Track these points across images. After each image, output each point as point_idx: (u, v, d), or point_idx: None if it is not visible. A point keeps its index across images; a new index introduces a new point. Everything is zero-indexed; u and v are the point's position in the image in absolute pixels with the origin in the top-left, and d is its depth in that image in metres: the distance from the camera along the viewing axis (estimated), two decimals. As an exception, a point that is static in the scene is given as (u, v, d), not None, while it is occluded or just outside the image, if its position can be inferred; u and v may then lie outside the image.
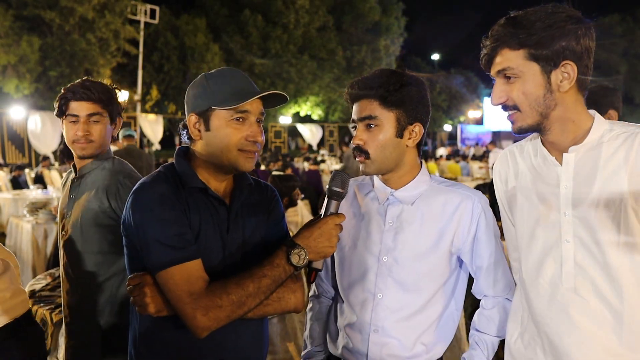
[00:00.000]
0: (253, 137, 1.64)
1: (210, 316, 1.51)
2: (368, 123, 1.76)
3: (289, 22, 30.47)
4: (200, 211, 1.64)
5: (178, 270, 1.54)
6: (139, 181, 1.66)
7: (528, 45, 1.53)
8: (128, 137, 8.13)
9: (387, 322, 1.79)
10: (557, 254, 1.60)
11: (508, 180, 1.78)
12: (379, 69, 1.84)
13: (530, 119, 1.58)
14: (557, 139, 1.61)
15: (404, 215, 1.82)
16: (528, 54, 1.53)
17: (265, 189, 1.86)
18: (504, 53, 1.57)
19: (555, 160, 1.62)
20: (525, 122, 1.59)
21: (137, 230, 1.58)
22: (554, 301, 1.62)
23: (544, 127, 1.59)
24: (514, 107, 1.59)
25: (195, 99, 1.67)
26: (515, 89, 1.57)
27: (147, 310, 1.57)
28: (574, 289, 1.58)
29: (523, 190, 1.71)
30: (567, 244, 1.58)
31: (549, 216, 1.62)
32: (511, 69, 1.56)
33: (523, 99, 1.57)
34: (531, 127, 1.60)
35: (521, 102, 1.57)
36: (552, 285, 1.62)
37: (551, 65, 1.53)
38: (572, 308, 1.58)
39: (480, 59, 1.64)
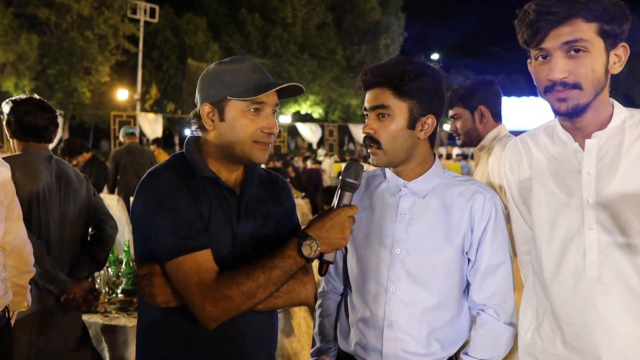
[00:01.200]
0: (269, 128, 1.61)
1: (219, 307, 1.48)
2: (380, 112, 1.73)
3: (286, 17, 30.49)
4: (211, 201, 1.61)
5: (187, 260, 1.50)
6: (149, 170, 1.63)
7: (601, 20, 1.44)
8: (129, 135, 8.12)
9: (400, 316, 1.75)
10: (579, 242, 1.55)
11: (521, 170, 1.73)
12: (395, 57, 1.79)
13: (586, 98, 1.48)
14: (587, 123, 1.54)
15: (416, 207, 1.78)
16: (599, 29, 1.44)
17: (277, 180, 1.82)
18: (577, 23, 1.44)
19: (578, 146, 1.57)
20: (581, 100, 1.48)
21: (146, 219, 1.55)
22: (577, 291, 1.57)
23: (588, 108, 1.51)
24: (574, 85, 1.47)
25: (209, 89, 1.63)
26: (583, 64, 1.46)
27: (156, 300, 1.54)
28: (598, 278, 1.53)
29: (540, 179, 1.66)
30: (590, 231, 1.53)
31: (570, 204, 1.57)
32: (583, 41, 1.44)
33: (590, 75, 1.46)
34: (583, 107, 1.49)
35: (586, 80, 1.47)
36: (575, 274, 1.57)
37: (612, 45, 1.47)
38: (597, 297, 1.54)
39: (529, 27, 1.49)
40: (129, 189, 7.21)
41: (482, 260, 1.76)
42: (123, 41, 24.02)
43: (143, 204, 1.56)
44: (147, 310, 1.67)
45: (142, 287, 1.56)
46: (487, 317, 1.77)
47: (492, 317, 1.77)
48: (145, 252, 1.61)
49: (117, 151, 8.03)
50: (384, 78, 1.71)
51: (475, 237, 1.76)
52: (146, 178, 1.59)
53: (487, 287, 1.76)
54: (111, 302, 3.10)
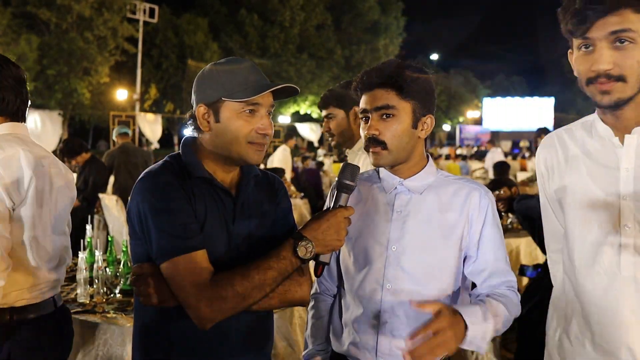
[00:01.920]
0: (263, 129, 1.62)
1: (214, 307, 1.49)
2: (384, 113, 1.73)
3: (284, 19, 30.48)
4: (206, 201, 1.62)
5: (182, 261, 1.51)
6: (145, 170, 1.64)
7: None
8: (122, 135, 8.04)
9: (396, 314, 1.75)
10: (615, 240, 1.51)
11: (555, 166, 1.69)
12: (391, 59, 1.81)
13: (630, 91, 1.44)
14: (628, 117, 1.50)
15: (412, 204, 1.79)
16: None
17: (273, 180, 1.83)
18: (625, 14, 1.40)
19: (617, 141, 1.52)
20: (625, 93, 1.44)
21: (142, 220, 1.56)
22: (611, 290, 1.52)
23: (630, 101, 1.47)
24: (618, 77, 1.43)
25: (204, 90, 1.63)
26: (629, 56, 1.41)
27: (151, 301, 1.55)
28: (633, 277, 1.48)
29: (575, 175, 1.61)
30: (627, 229, 1.49)
31: (606, 200, 1.52)
32: (631, 31, 1.40)
33: (636, 67, 1.42)
34: (625, 100, 1.46)
35: (632, 73, 1.42)
36: (610, 273, 1.52)
37: None
38: (632, 297, 1.49)
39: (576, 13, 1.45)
40: (122, 189, 7.17)
41: (486, 257, 1.77)
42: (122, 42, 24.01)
43: (139, 204, 1.57)
44: (143, 311, 1.68)
45: (138, 288, 1.57)
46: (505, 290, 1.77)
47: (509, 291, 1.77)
48: (141, 252, 1.61)
49: (110, 151, 7.95)
50: (388, 79, 1.72)
51: (475, 233, 1.77)
52: (142, 178, 1.60)
53: (494, 282, 1.77)
54: (109, 302, 3.10)
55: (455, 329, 1.50)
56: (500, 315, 1.65)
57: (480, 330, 1.56)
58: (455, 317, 1.52)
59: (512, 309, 1.70)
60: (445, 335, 1.46)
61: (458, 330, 1.51)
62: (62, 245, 2.24)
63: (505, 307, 1.68)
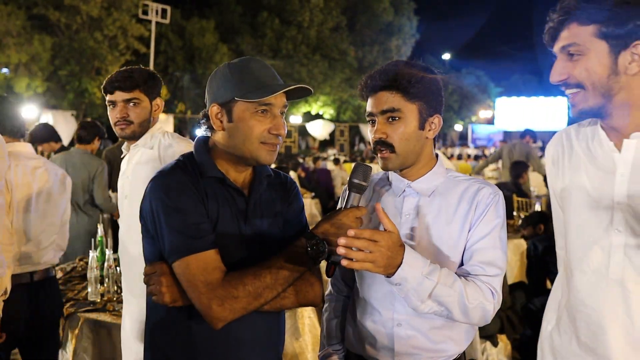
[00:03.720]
0: (276, 129, 1.62)
1: (226, 307, 1.49)
2: (390, 116, 1.72)
3: (303, 20, 30.52)
4: (219, 201, 1.62)
5: (195, 260, 1.51)
6: (158, 169, 1.64)
7: (599, 22, 1.43)
8: None
9: (410, 316, 1.75)
10: (605, 242, 1.53)
11: (559, 162, 1.71)
12: (395, 61, 1.79)
13: (592, 100, 1.48)
14: (619, 124, 1.52)
15: (420, 206, 1.78)
16: (597, 31, 1.44)
17: (285, 180, 1.83)
18: (572, 28, 1.47)
19: (613, 146, 1.54)
20: (587, 103, 1.49)
21: (154, 219, 1.56)
22: (597, 291, 1.55)
23: (605, 111, 1.50)
24: (576, 85, 1.49)
25: (218, 90, 1.64)
26: (578, 66, 1.47)
27: (163, 299, 1.55)
28: (620, 281, 1.50)
29: (576, 175, 1.63)
30: (617, 233, 1.51)
31: (600, 203, 1.54)
32: (576, 45, 1.46)
33: (585, 77, 1.47)
34: (592, 109, 1.50)
35: (584, 80, 1.47)
36: (597, 274, 1.55)
37: (621, 45, 1.43)
38: (617, 300, 1.51)
39: (544, 33, 1.55)
40: None
41: (480, 251, 1.72)
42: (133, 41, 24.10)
43: (151, 203, 1.57)
44: (154, 310, 1.68)
45: (150, 286, 1.57)
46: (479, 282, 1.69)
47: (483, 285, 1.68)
48: (153, 251, 1.62)
49: (109, 149, 7.37)
50: (393, 81, 1.71)
51: (476, 227, 1.74)
52: (155, 178, 1.60)
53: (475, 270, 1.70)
54: (119, 301, 3.12)
55: (391, 254, 1.51)
56: (450, 287, 1.59)
57: (414, 278, 1.55)
58: (399, 247, 1.53)
59: (473, 299, 1.62)
60: (379, 249, 1.48)
61: (392, 258, 1.52)
62: None
63: (464, 292, 1.61)
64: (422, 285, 1.56)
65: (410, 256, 1.55)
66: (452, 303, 1.61)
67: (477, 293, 1.65)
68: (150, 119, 2.64)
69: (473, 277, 1.69)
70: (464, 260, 1.75)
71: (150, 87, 2.62)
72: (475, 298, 1.64)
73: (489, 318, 1.70)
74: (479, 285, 1.67)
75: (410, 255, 1.56)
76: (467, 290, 1.63)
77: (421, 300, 1.59)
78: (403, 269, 1.53)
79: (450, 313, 1.63)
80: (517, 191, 7.23)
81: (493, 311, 1.69)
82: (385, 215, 1.56)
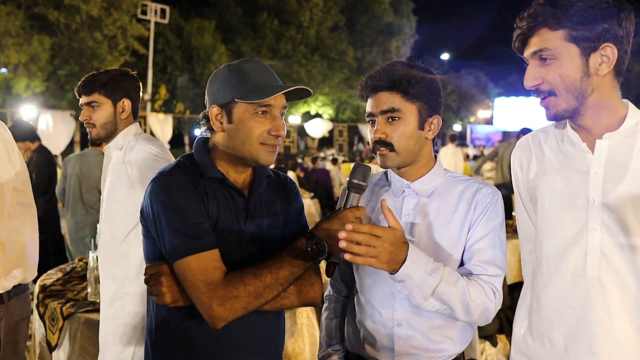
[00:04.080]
0: (276, 131, 1.63)
1: (226, 306, 1.49)
2: (390, 116, 1.74)
3: (302, 20, 30.50)
4: (219, 201, 1.62)
5: (195, 260, 1.52)
6: (158, 170, 1.65)
7: (568, 26, 1.45)
8: None
9: (409, 316, 1.76)
10: (582, 242, 1.54)
11: (530, 167, 1.71)
12: (395, 61, 1.80)
13: (565, 104, 1.50)
14: (590, 125, 1.54)
15: (420, 207, 1.79)
16: (568, 35, 1.46)
17: (285, 181, 1.84)
18: (542, 33, 1.48)
19: (586, 146, 1.55)
20: (560, 107, 1.51)
21: (155, 219, 1.57)
22: (575, 291, 1.56)
23: (578, 112, 1.52)
24: (549, 91, 1.51)
25: (217, 91, 1.64)
26: (551, 70, 1.49)
27: (164, 300, 1.55)
28: (598, 279, 1.52)
29: (547, 177, 1.64)
30: (593, 232, 1.52)
31: (575, 203, 1.56)
32: (548, 49, 1.48)
33: (559, 81, 1.49)
34: (566, 112, 1.52)
35: (557, 85, 1.49)
36: (575, 274, 1.56)
37: (591, 48, 1.46)
38: (595, 299, 1.52)
39: (513, 40, 1.56)
40: None
41: (480, 250, 1.74)
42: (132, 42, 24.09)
43: (152, 204, 1.57)
44: (155, 310, 1.69)
45: (150, 287, 1.58)
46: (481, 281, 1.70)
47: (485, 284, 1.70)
48: (153, 251, 1.63)
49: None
50: (393, 82, 1.72)
51: (476, 228, 1.75)
52: (155, 179, 1.61)
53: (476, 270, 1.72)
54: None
55: (394, 250, 1.52)
56: (454, 285, 1.61)
57: (418, 275, 1.57)
58: (403, 244, 1.54)
59: (476, 297, 1.65)
60: (381, 244, 1.50)
61: (395, 254, 1.53)
62: None
63: (467, 291, 1.63)
64: (425, 282, 1.58)
65: (414, 253, 1.57)
66: (454, 301, 1.63)
67: (479, 292, 1.66)
68: (115, 121, 2.65)
69: (475, 276, 1.71)
70: (465, 260, 1.76)
71: (113, 89, 2.63)
72: (478, 297, 1.65)
73: (491, 317, 1.71)
74: (481, 284, 1.68)
75: (414, 253, 1.57)
76: (469, 289, 1.64)
77: (424, 297, 1.60)
78: (407, 265, 1.55)
79: (452, 311, 1.64)
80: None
81: (494, 310, 1.70)
82: (389, 212, 1.57)
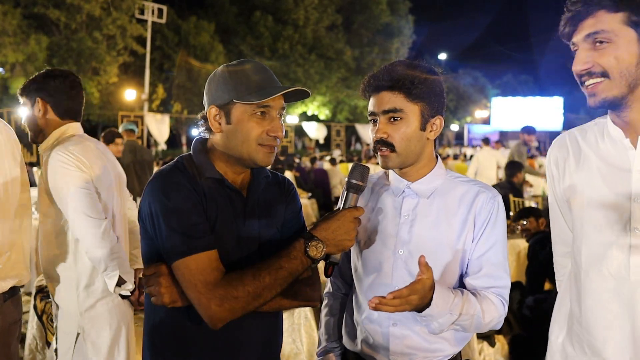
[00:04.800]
0: (274, 132, 1.63)
1: (225, 307, 1.49)
2: (392, 116, 1.73)
3: (298, 19, 30.52)
4: (217, 202, 1.63)
5: (194, 260, 1.52)
6: (156, 171, 1.65)
7: (628, 10, 1.41)
8: (129, 132, 7.70)
9: (406, 315, 1.75)
10: (624, 243, 1.49)
11: (566, 166, 1.66)
12: (398, 60, 1.79)
13: (617, 89, 1.45)
14: (635, 119, 1.49)
15: (419, 208, 1.79)
16: (627, 19, 1.42)
17: (283, 181, 1.84)
18: (599, 15, 1.44)
19: (629, 142, 1.50)
20: (611, 92, 1.45)
21: (153, 220, 1.57)
22: (618, 295, 1.50)
23: (626, 102, 1.47)
24: (602, 73, 1.45)
25: (216, 91, 1.64)
26: (605, 54, 1.43)
27: (162, 300, 1.55)
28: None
29: (586, 176, 1.58)
30: (637, 232, 1.46)
31: (617, 203, 1.50)
32: (605, 32, 1.43)
33: (614, 64, 1.43)
34: (615, 99, 1.46)
35: (611, 69, 1.44)
36: (618, 277, 1.50)
37: None
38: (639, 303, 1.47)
39: (562, 24, 1.51)
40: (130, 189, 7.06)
41: (484, 259, 1.75)
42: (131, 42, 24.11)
43: (150, 204, 1.57)
44: (153, 310, 1.69)
45: (149, 287, 1.58)
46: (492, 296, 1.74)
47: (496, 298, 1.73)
48: (152, 252, 1.62)
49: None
50: (396, 82, 1.71)
51: (477, 235, 1.76)
52: (154, 179, 1.61)
53: (485, 283, 1.74)
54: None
55: (421, 300, 1.55)
56: (470, 314, 1.66)
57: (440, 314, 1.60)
58: (429, 290, 1.56)
59: (489, 316, 1.69)
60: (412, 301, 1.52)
61: (423, 300, 1.55)
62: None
63: (482, 312, 1.68)
64: (445, 318, 1.62)
65: (438, 296, 1.58)
66: (468, 326, 1.69)
67: (492, 310, 1.70)
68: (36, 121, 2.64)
69: (486, 290, 1.74)
70: (471, 272, 1.76)
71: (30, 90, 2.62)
72: (491, 315, 1.70)
73: (498, 327, 1.76)
74: (493, 299, 1.72)
75: (438, 295, 1.58)
76: (484, 311, 1.69)
77: (441, 330, 1.65)
78: (431, 308, 1.57)
79: (465, 331, 1.71)
80: (512, 190, 7.24)
81: (502, 322, 1.75)
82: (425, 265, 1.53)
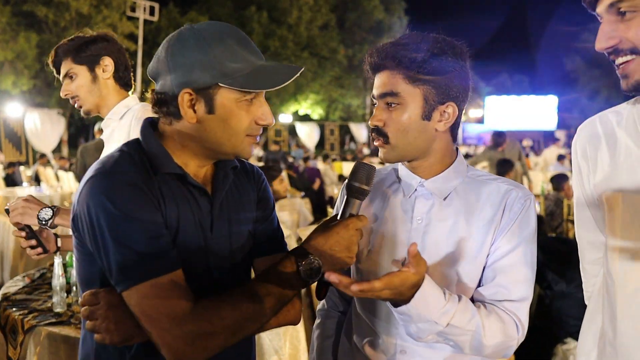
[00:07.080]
0: (264, 119, 1.31)
1: (197, 346, 1.16)
2: (388, 101, 1.42)
3: (291, 18, 30.45)
4: (178, 204, 1.27)
5: (154, 287, 1.16)
6: (95, 164, 1.26)
7: None
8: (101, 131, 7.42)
9: (417, 343, 1.44)
10: None
11: (598, 158, 1.37)
12: (406, 34, 1.47)
13: None
14: None
15: (434, 211, 1.47)
16: None
17: (252, 171, 1.51)
18: None
19: None
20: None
21: (95, 233, 1.18)
22: None
23: None
24: (631, 50, 1.18)
25: (191, 69, 1.24)
26: (633, 26, 1.17)
27: (111, 339, 1.20)
28: None
29: (625, 169, 1.30)
30: None
31: None
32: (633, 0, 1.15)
33: None
34: None
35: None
36: None
37: None
38: None
39: None
40: None
41: (493, 255, 1.43)
42: (122, 40, 23.86)
43: (90, 211, 1.18)
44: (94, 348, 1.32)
45: (91, 323, 1.21)
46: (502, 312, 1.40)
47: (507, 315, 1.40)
48: (92, 272, 1.26)
49: (84, 147, 6.72)
50: (393, 59, 1.40)
51: (497, 236, 1.44)
52: (93, 177, 1.21)
53: (497, 296, 1.41)
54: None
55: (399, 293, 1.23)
56: (465, 329, 1.31)
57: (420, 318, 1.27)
58: (412, 288, 1.24)
59: (492, 337, 1.35)
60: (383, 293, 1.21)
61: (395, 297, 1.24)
62: None
63: (482, 329, 1.33)
64: (426, 325, 1.29)
65: (422, 297, 1.26)
66: (463, 343, 1.34)
67: (497, 329, 1.36)
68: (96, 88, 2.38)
69: (495, 303, 1.40)
70: (485, 279, 1.45)
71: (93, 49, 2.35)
72: (495, 335, 1.35)
73: (510, 354, 1.42)
74: (502, 316, 1.38)
75: (422, 296, 1.26)
76: (485, 325, 1.34)
77: (419, 337, 1.33)
78: (408, 308, 1.26)
79: (460, 349, 1.36)
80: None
81: (515, 347, 1.41)
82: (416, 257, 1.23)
